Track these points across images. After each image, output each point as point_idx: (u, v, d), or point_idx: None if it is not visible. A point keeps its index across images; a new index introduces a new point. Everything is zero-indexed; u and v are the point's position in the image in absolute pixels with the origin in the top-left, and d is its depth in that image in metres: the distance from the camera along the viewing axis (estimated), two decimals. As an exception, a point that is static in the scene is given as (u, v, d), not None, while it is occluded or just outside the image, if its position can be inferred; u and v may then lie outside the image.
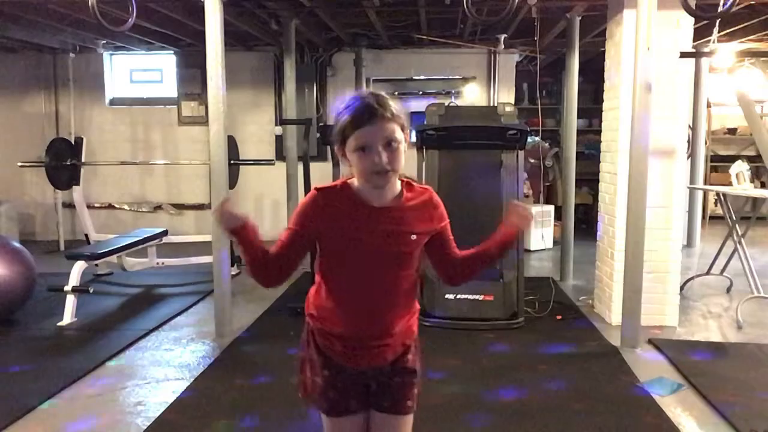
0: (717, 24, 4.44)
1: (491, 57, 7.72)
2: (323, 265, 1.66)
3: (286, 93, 5.96)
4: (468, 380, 3.43)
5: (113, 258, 5.21)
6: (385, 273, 1.61)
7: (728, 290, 5.28)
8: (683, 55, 4.12)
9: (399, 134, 1.52)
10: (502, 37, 6.76)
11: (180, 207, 8.13)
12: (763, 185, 8.41)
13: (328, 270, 1.65)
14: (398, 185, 1.61)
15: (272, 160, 6.67)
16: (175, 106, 8.01)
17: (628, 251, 3.90)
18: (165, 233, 6.02)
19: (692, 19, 4.12)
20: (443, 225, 1.68)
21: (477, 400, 3.17)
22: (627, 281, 3.91)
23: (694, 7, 3.74)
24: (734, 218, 4.97)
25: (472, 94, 8.17)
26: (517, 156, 4.55)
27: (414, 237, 1.61)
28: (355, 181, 1.60)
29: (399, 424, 1.72)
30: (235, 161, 5.95)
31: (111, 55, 8.10)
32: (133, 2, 4.14)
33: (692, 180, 7.26)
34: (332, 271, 1.64)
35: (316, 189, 1.61)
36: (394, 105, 1.54)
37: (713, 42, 4.59)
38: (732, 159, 6.14)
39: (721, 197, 5.08)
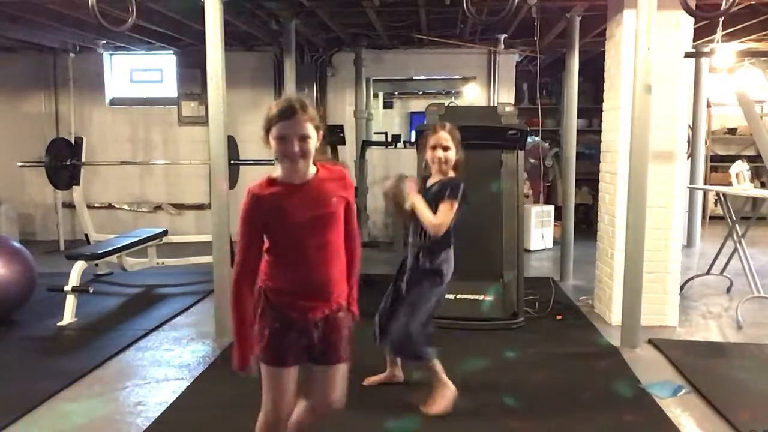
0: (720, 23, 4.44)
1: (491, 57, 7.72)
2: (270, 244, 2.01)
3: (286, 93, 5.96)
4: (467, 381, 3.43)
5: (113, 258, 5.21)
6: (316, 234, 1.98)
7: (728, 290, 5.28)
8: (689, 54, 4.12)
9: (311, 131, 1.94)
10: (502, 37, 6.76)
11: (180, 207, 8.13)
12: (763, 185, 8.41)
13: (273, 245, 2.00)
14: (313, 168, 2.01)
15: (272, 160, 6.63)
16: (175, 106, 8.01)
17: (628, 251, 3.90)
18: (165, 233, 6.02)
19: (692, 19, 4.12)
20: (348, 195, 2.07)
21: (476, 401, 3.16)
22: (627, 281, 3.91)
23: (694, 7, 3.74)
24: (734, 218, 4.97)
25: (472, 94, 8.16)
26: (517, 156, 4.55)
27: (334, 199, 2.00)
28: (277, 171, 2.00)
29: (334, 373, 2.07)
30: (235, 161, 5.94)
31: (111, 55, 8.09)
32: (133, 2, 4.14)
33: (692, 180, 7.26)
34: (277, 244, 2.00)
35: (250, 190, 1.99)
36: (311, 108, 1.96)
37: (717, 41, 4.58)
38: (732, 159, 6.14)
39: (721, 197, 5.08)
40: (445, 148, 2.94)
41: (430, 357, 2.96)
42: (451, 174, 2.99)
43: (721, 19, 4.31)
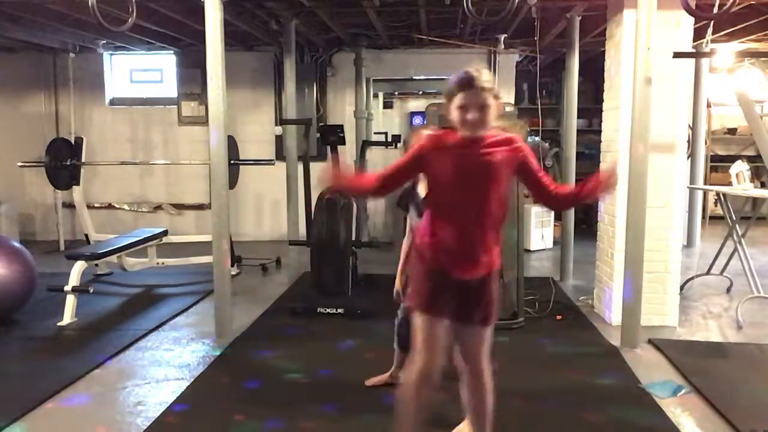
0: (712, 24, 4.44)
1: (491, 57, 7.72)
2: (431, 197, 2.22)
3: (286, 93, 5.96)
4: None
5: (113, 258, 5.21)
6: (478, 191, 2.13)
7: (728, 290, 5.28)
8: (680, 55, 4.12)
9: (490, 101, 2.08)
10: (502, 37, 6.76)
11: (180, 207, 8.13)
12: (763, 185, 8.41)
13: (433, 198, 2.21)
14: (489, 132, 2.14)
15: (272, 160, 6.66)
16: (175, 106, 8.01)
17: (628, 251, 3.90)
18: (165, 233, 6.02)
19: (692, 19, 4.12)
20: (521, 155, 2.16)
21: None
22: (627, 281, 3.91)
23: (694, 7, 3.74)
24: (734, 218, 4.97)
25: (472, 94, 8.15)
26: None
27: (499, 157, 2.12)
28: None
29: (482, 332, 2.27)
30: (235, 161, 5.94)
31: (111, 55, 8.10)
32: (133, 2, 4.14)
33: (692, 180, 7.26)
34: (437, 198, 2.20)
35: (427, 134, 2.24)
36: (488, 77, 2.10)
37: (707, 42, 4.58)
38: (732, 159, 6.14)
39: (721, 197, 5.08)
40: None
41: None
42: None
43: (712, 21, 4.31)
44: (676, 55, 4.09)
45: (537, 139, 6.88)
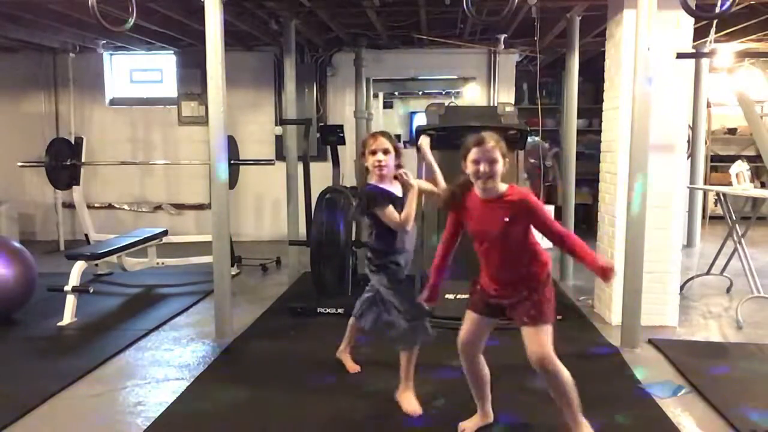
0: (714, 24, 4.44)
1: (491, 57, 7.72)
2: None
3: (286, 93, 5.96)
4: (466, 380, 3.42)
5: (113, 258, 5.21)
6: (489, 244, 2.50)
7: (728, 290, 5.28)
8: (682, 55, 4.12)
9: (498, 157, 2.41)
10: (502, 37, 6.76)
11: (180, 207, 8.13)
12: (763, 185, 8.41)
13: (472, 242, 2.56)
14: (503, 187, 2.45)
15: (272, 160, 6.66)
16: (175, 106, 8.01)
17: (628, 251, 3.90)
18: (165, 233, 6.02)
19: (692, 19, 4.12)
20: (532, 216, 2.43)
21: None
22: (627, 281, 3.91)
23: (694, 7, 3.74)
24: (734, 218, 4.97)
25: (472, 94, 8.16)
26: (517, 156, 4.55)
27: (506, 219, 2.41)
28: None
29: (527, 331, 2.66)
30: (235, 161, 5.94)
31: (111, 55, 8.10)
32: (133, 2, 4.13)
33: (692, 180, 7.27)
34: (474, 244, 2.56)
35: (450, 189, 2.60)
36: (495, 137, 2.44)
37: (710, 42, 4.58)
38: (732, 159, 6.14)
39: (721, 197, 5.07)
40: (386, 152, 2.91)
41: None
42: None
43: (714, 21, 4.32)
44: (680, 55, 4.09)
45: (537, 139, 6.88)
